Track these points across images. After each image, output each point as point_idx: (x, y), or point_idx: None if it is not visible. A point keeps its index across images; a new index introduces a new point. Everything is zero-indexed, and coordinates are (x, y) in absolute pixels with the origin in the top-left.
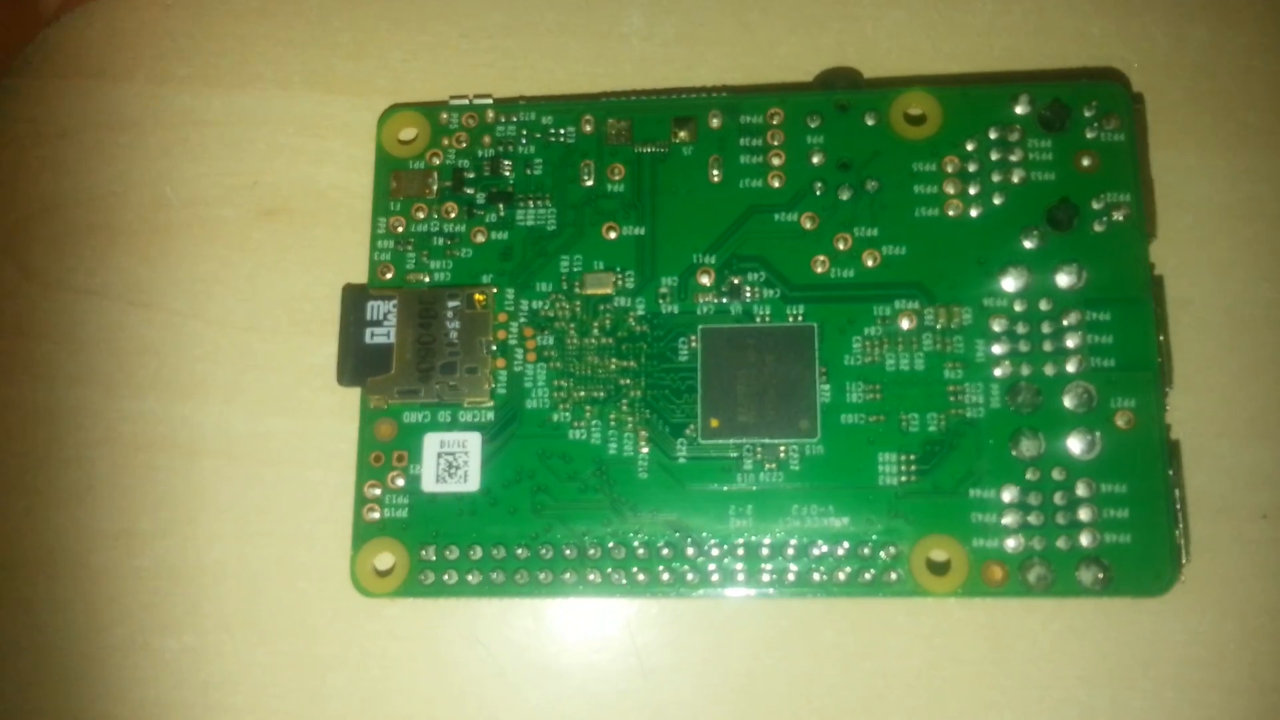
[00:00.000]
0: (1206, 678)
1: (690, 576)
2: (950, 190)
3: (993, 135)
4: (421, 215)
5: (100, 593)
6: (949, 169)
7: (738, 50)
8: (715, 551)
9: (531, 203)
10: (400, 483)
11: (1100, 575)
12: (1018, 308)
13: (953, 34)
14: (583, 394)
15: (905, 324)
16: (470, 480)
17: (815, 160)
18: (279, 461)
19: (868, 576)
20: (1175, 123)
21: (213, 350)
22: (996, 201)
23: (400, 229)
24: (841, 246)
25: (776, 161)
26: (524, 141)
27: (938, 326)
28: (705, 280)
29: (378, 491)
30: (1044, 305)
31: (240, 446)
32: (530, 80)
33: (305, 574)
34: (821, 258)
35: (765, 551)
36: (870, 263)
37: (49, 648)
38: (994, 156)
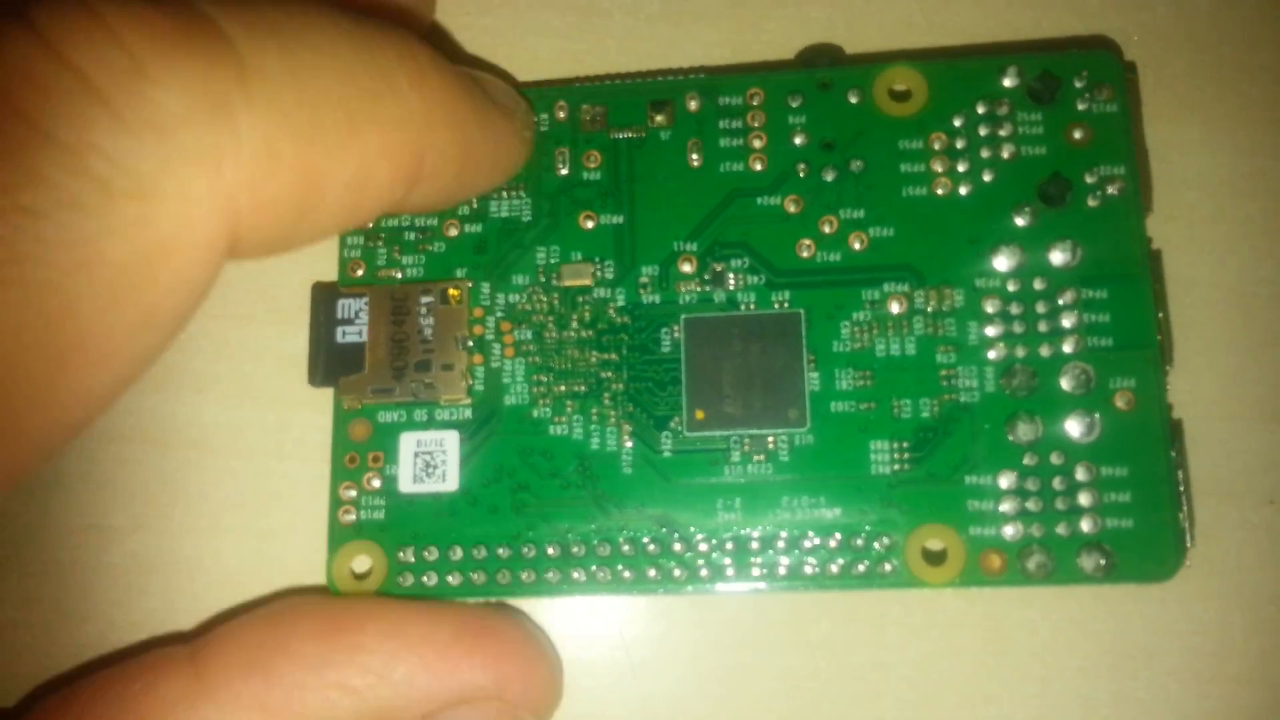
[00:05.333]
0: (1211, 669)
1: (678, 573)
2: (938, 168)
3: (980, 110)
4: None
5: (70, 589)
6: (936, 146)
7: (724, 26)
8: (703, 546)
9: (505, 193)
10: (376, 484)
11: (1102, 561)
12: (1011, 288)
13: (945, 5)
14: (563, 389)
15: (895, 308)
16: (449, 480)
17: (797, 141)
18: (253, 454)
19: (861, 568)
20: (1176, 95)
21: (184, 338)
22: (986, 179)
23: (370, 224)
24: (827, 229)
25: (758, 144)
26: None
27: (928, 309)
28: (687, 268)
29: (353, 493)
30: (1038, 284)
31: (213, 438)
32: (509, 59)
33: (282, 569)
34: (807, 241)
35: (755, 545)
36: (857, 245)
37: (17, 645)
38: (982, 132)
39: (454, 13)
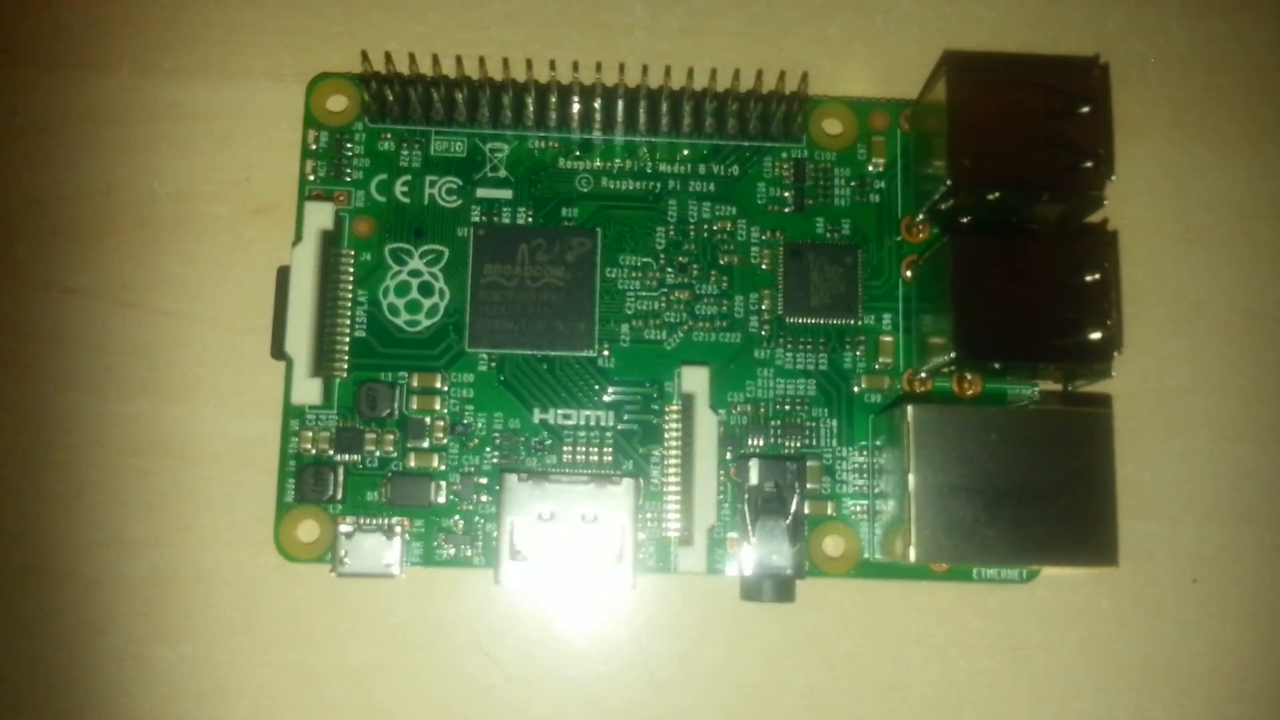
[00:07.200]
0: (1228, 688)
1: None
2: None
3: None
4: None
5: (91, 601)
6: None
7: (743, 42)
8: None
9: None
10: None
11: None
12: None
13: (966, 26)
14: None
15: None
16: None
17: None
18: (274, 467)
19: None
20: (1193, 118)
21: (203, 351)
22: None
23: None
24: None
25: None
26: None
27: None
28: None
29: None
30: None
31: (234, 451)
32: (527, 70)
33: (302, 582)
34: None
35: None
36: None
37: (39, 657)
38: None
39: (473, 27)
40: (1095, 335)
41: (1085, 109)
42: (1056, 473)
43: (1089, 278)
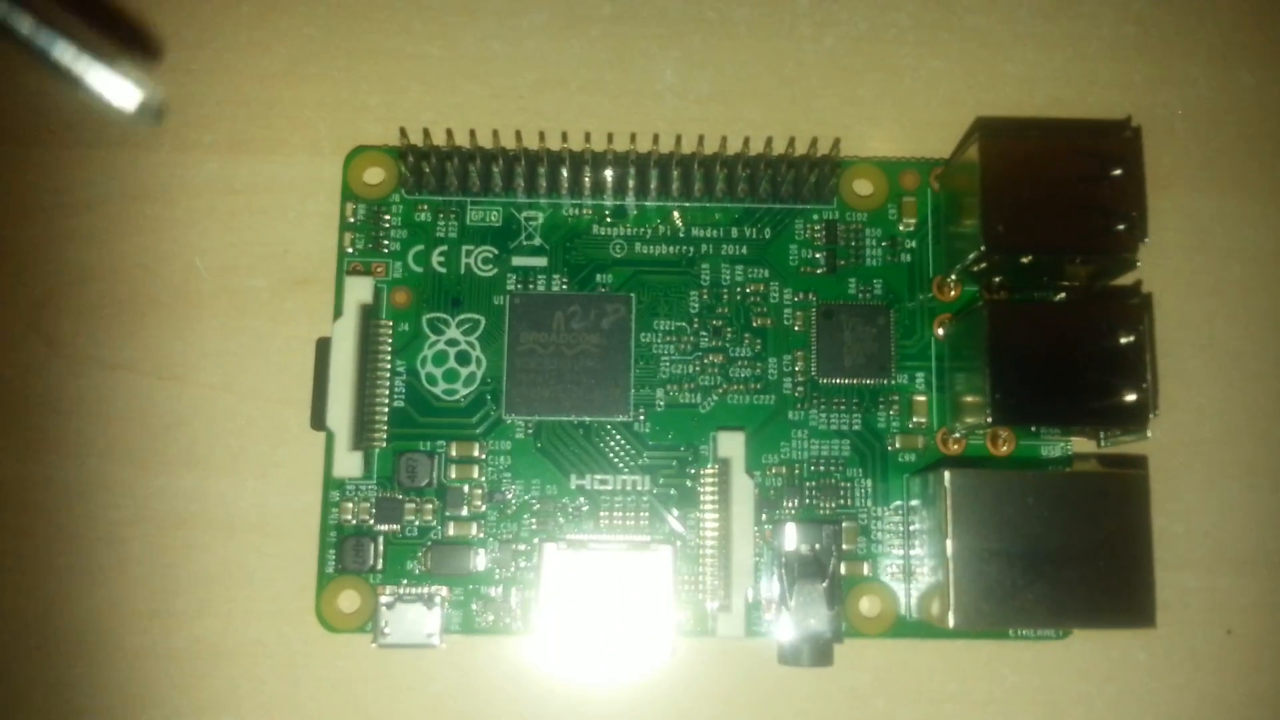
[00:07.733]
0: None
1: None
2: None
3: None
4: None
5: (136, 675)
6: None
7: (773, 104)
8: None
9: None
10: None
11: None
12: None
13: (994, 83)
14: None
15: None
16: None
17: None
18: (315, 537)
19: None
20: (1222, 170)
21: (246, 424)
22: None
23: None
24: None
25: None
26: None
27: None
28: None
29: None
30: None
31: (276, 523)
32: (563, 140)
33: (344, 652)
34: None
35: None
36: None
37: None
38: None
39: (507, 96)
40: (1131, 398)
41: (1118, 172)
42: (1093, 535)
43: (1124, 340)
